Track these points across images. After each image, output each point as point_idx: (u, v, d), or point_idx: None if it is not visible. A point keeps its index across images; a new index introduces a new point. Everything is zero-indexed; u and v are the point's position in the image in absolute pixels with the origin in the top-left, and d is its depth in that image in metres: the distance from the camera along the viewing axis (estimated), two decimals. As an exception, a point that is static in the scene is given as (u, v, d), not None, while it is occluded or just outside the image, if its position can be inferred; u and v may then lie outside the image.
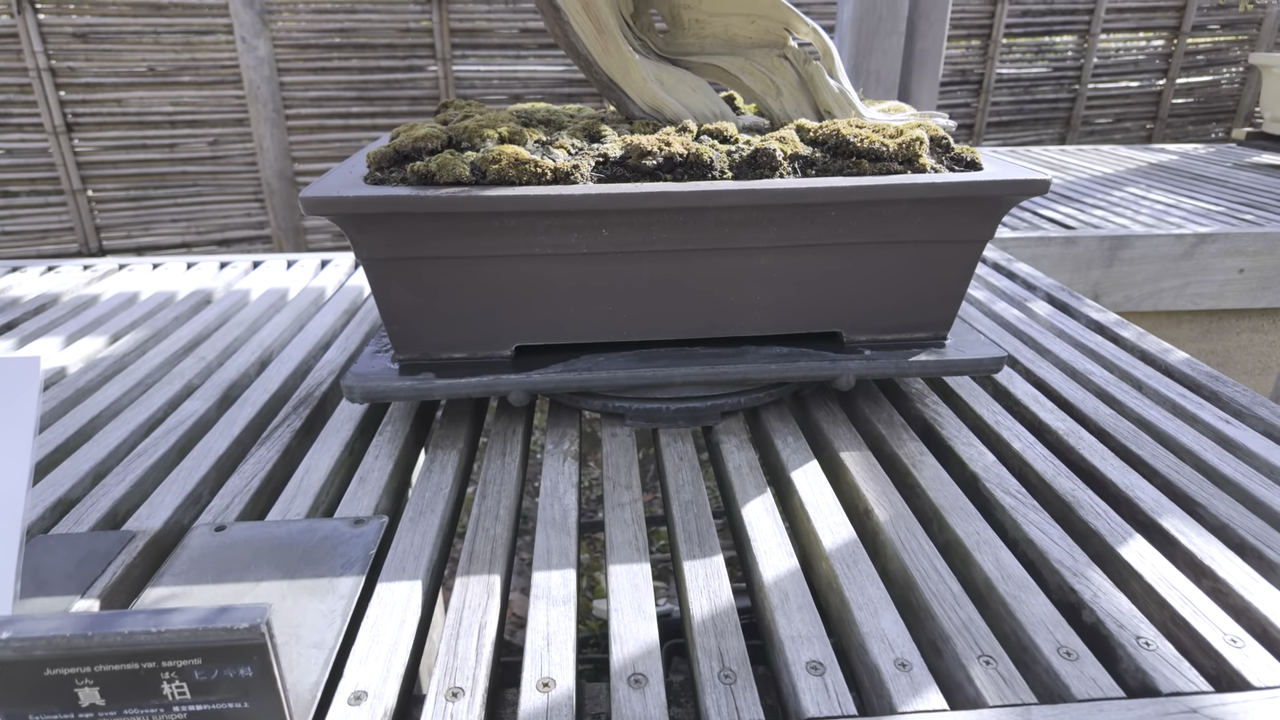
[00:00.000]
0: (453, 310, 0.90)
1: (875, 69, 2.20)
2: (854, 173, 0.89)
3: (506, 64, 4.08)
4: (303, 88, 3.78)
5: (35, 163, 3.50)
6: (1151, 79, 5.69)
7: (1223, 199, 2.48)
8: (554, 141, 0.95)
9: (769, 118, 1.10)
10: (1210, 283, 2.04)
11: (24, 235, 3.59)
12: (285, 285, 1.54)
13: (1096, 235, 2.00)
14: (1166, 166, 3.12)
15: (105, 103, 3.53)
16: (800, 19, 1.08)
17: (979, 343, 0.98)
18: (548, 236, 0.86)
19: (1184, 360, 1.14)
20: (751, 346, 0.97)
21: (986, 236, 0.92)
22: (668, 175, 0.89)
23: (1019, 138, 5.46)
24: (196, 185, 3.69)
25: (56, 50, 3.42)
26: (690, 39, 1.13)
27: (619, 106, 1.09)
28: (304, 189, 0.81)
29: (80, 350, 1.22)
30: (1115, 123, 5.73)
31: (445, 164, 0.85)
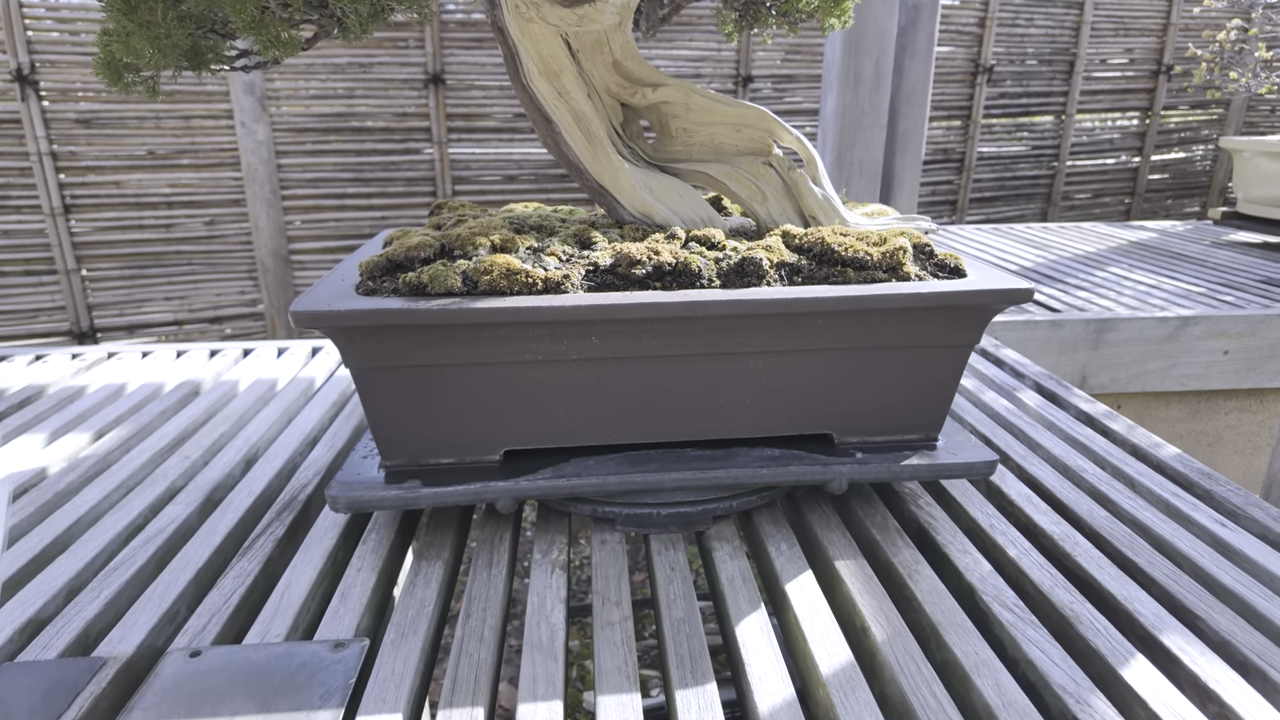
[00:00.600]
0: (441, 417, 0.89)
1: (859, 159, 2.26)
2: (839, 281, 0.90)
3: (501, 147, 4.18)
4: (300, 169, 3.85)
5: (31, 244, 3.54)
6: (1127, 156, 5.88)
7: (1203, 279, 2.52)
8: (545, 248, 0.97)
9: (755, 222, 1.13)
10: (1196, 364, 2.06)
11: (16, 315, 3.59)
12: (274, 376, 1.53)
13: (1082, 318, 2.03)
14: (1147, 245, 3.19)
15: (104, 185, 3.59)
16: (784, 128, 1.12)
17: (970, 445, 0.98)
18: (538, 344, 0.87)
19: (1175, 456, 1.14)
20: (743, 449, 0.96)
21: (973, 341, 0.93)
22: (657, 283, 0.90)
23: (1001, 213, 5.60)
24: (191, 264, 3.72)
25: (58, 135, 3.49)
26: (678, 146, 1.16)
27: (609, 211, 1.11)
28: (294, 301, 0.81)
29: (63, 448, 1.20)
30: (1094, 198, 5.89)
31: (437, 275, 0.86)
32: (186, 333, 3.82)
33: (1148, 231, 3.59)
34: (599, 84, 1.09)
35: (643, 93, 1.12)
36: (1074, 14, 5.32)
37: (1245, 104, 5.89)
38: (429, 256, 0.93)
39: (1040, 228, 3.74)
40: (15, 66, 3.39)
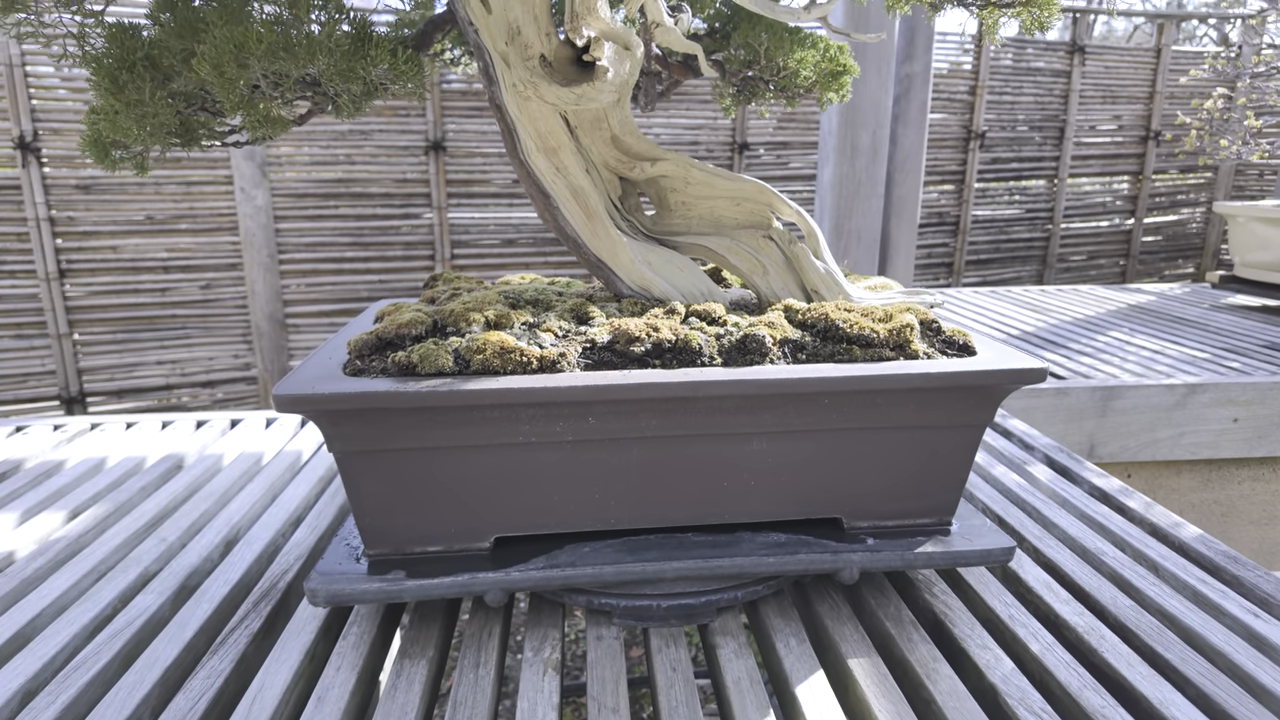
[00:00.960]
0: (428, 503, 0.85)
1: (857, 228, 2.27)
2: (845, 359, 0.87)
3: (500, 211, 4.22)
4: (298, 234, 3.87)
5: (24, 308, 3.52)
6: (1120, 219, 5.95)
7: (1206, 344, 2.50)
8: (541, 324, 0.93)
9: (756, 295, 1.10)
10: (1206, 432, 2.02)
11: (4, 380, 3.55)
12: (261, 448, 1.49)
13: (1088, 386, 1.99)
14: (1146, 308, 3.18)
15: (100, 249, 3.60)
16: (784, 202, 1.10)
17: (986, 529, 0.93)
18: (532, 426, 0.83)
19: (1197, 537, 1.09)
20: (747, 534, 0.91)
21: (985, 422, 0.89)
22: (656, 361, 0.86)
23: (997, 275, 5.63)
24: (185, 328, 3.70)
25: (58, 201, 3.51)
26: (677, 220, 1.14)
27: (607, 284, 1.09)
28: (276, 384, 0.77)
29: (36, 529, 1.15)
30: (1089, 260, 5.93)
31: (428, 355, 0.82)
32: (177, 397, 3.78)
33: (1146, 294, 3.59)
34: (597, 159, 1.08)
35: (641, 167, 1.11)
36: (1062, 82, 5.45)
37: (1234, 169, 5.99)
38: (420, 334, 0.90)
39: (1038, 290, 3.74)
40: (18, 134, 3.43)
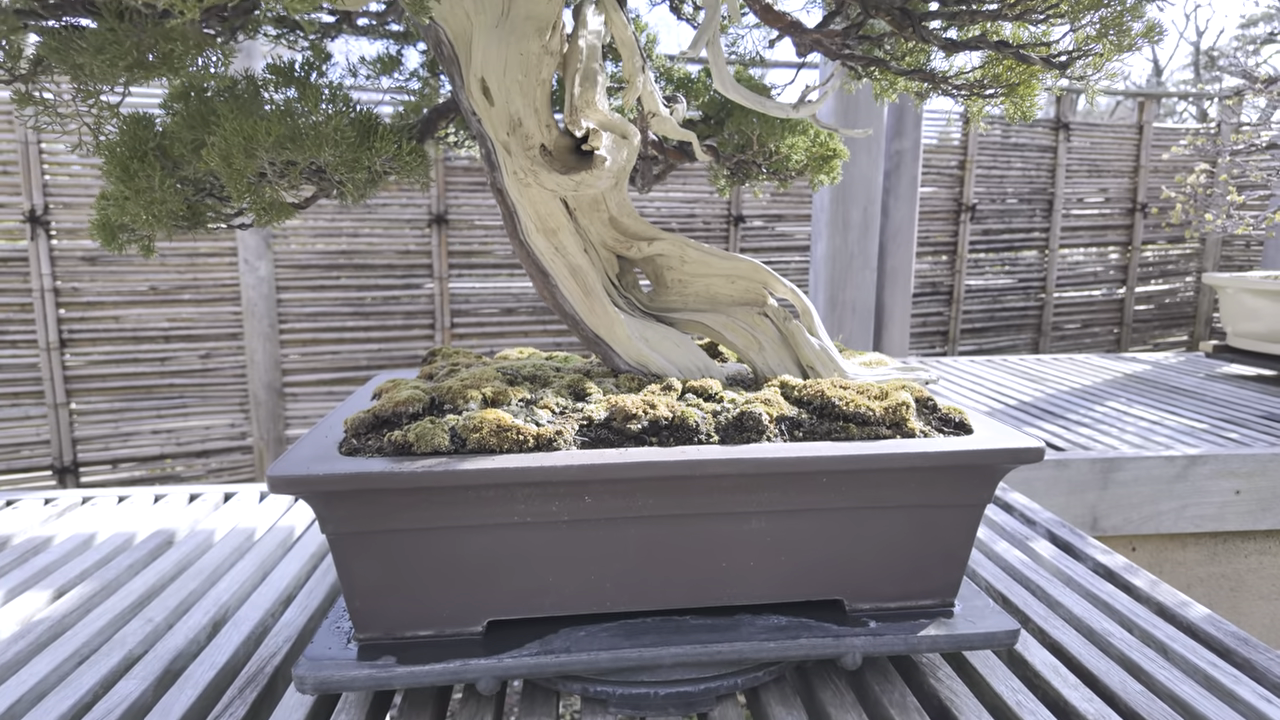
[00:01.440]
0: (421, 586, 0.83)
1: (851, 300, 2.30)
2: (842, 437, 0.87)
3: (501, 281, 4.28)
4: (300, 304, 3.91)
5: (22, 377, 3.53)
6: (1112, 288, 6.03)
7: (1203, 414, 2.50)
8: (538, 400, 0.94)
9: (752, 371, 1.11)
10: (1209, 505, 2.00)
11: (-1, 448, 3.54)
12: (253, 524, 1.47)
13: (1088, 458, 1.98)
14: (1142, 378, 3.19)
15: (103, 319, 3.63)
16: (778, 280, 1.12)
17: (990, 611, 0.91)
18: (527, 505, 0.82)
19: (1205, 617, 1.07)
20: (747, 616, 0.89)
21: (984, 501, 0.88)
22: (653, 439, 0.86)
23: (993, 343, 5.67)
24: (183, 396, 3.70)
25: (64, 272, 3.56)
26: (674, 296, 1.16)
27: (605, 360, 1.10)
28: (271, 465, 0.77)
29: (20, 609, 1.12)
30: (1084, 328, 5.98)
31: (424, 434, 0.82)
32: (171, 467, 3.75)
33: (1141, 364, 3.61)
34: (595, 238, 1.10)
35: (638, 247, 1.13)
36: (1048, 157, 5.60)
37: (1221, 240, 6.11)
38: (418, 411, 0.90)
39: (1034, 359, 3.76)
40: (29, 208, 3.50)
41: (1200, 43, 14.38)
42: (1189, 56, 14.44)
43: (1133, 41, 0.71)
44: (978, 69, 0.90)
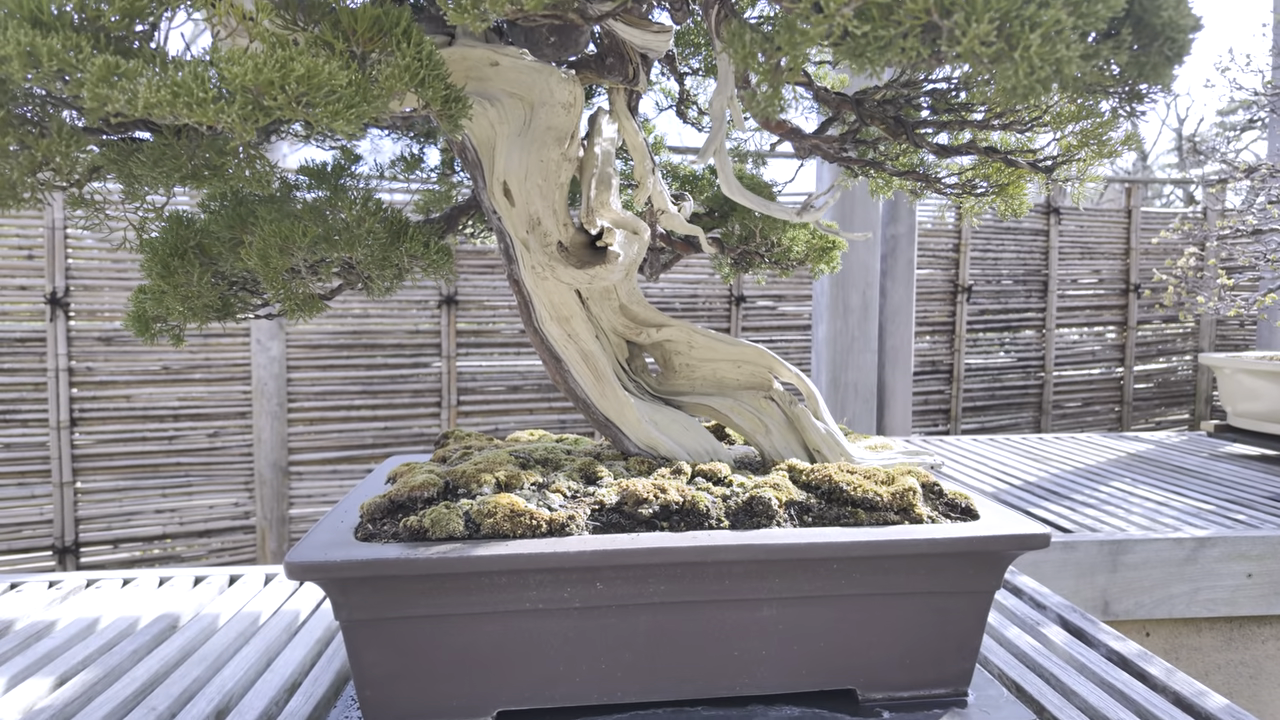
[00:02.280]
0: (433, 674, 0.83)
1: (853, 381, 2.34)
2: (850, 522, 0.88)
3: (507, 360, 4.34)
4: (309, 383, 3.96)
5: (30, 455, 3.54)
6: (1110, 367, 6.07)
7: (1209, 494, 2.50)
8: (550, 484, 0.96)
9: (760, 454, 1.13)
10: (1221, 588, 1.98)
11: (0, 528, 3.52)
12: (258, 608, 1.46)
13: (1095, 539, 1.97)
14: (1146, 458, 3.19)
15: (114, 399, 3.67)
16: (782, 365, 1.15)
17: (1003, 700, 0.90)
18: (540, 592, 0.83)
19: (1224, 708, 1.06)
20: (759, 707, 0.89)
21: (993, 587, 0.89)
22: (664, 523, 0.88)
23: (994, 422, 5.68)
24: (189, 475, 3.71)
25: (79, 352, 3.63)
26: (681, 380, 1.19)
27: (615, 443, 1.12)
28: (290, 551, 0.79)
29: (22, 697, 1.11)
30: (1085, 406, 6.00)
31: (439, 519, 0.84)
32: (172, 547, 3.72)
33: (1144, 443, 3.61)
34: (606, 325, 1.14)
35: (647, 333, 1.17)
36: (1041, 240, 5.74)
37: (1215, 319, 6.20)
38: (432, 496, 0.92)
39: (1036, 438, 3.76)
40: (50, 290, 3.58)
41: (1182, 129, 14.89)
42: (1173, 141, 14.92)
43: (1113, 150, 0.77)
44: (968, 169, 0.96)
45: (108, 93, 0.46)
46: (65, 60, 0.46)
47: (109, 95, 0.46)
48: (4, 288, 3.54)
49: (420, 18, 0.92)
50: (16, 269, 3.54)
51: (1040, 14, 0.41)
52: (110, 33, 0.50)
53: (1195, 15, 0.51)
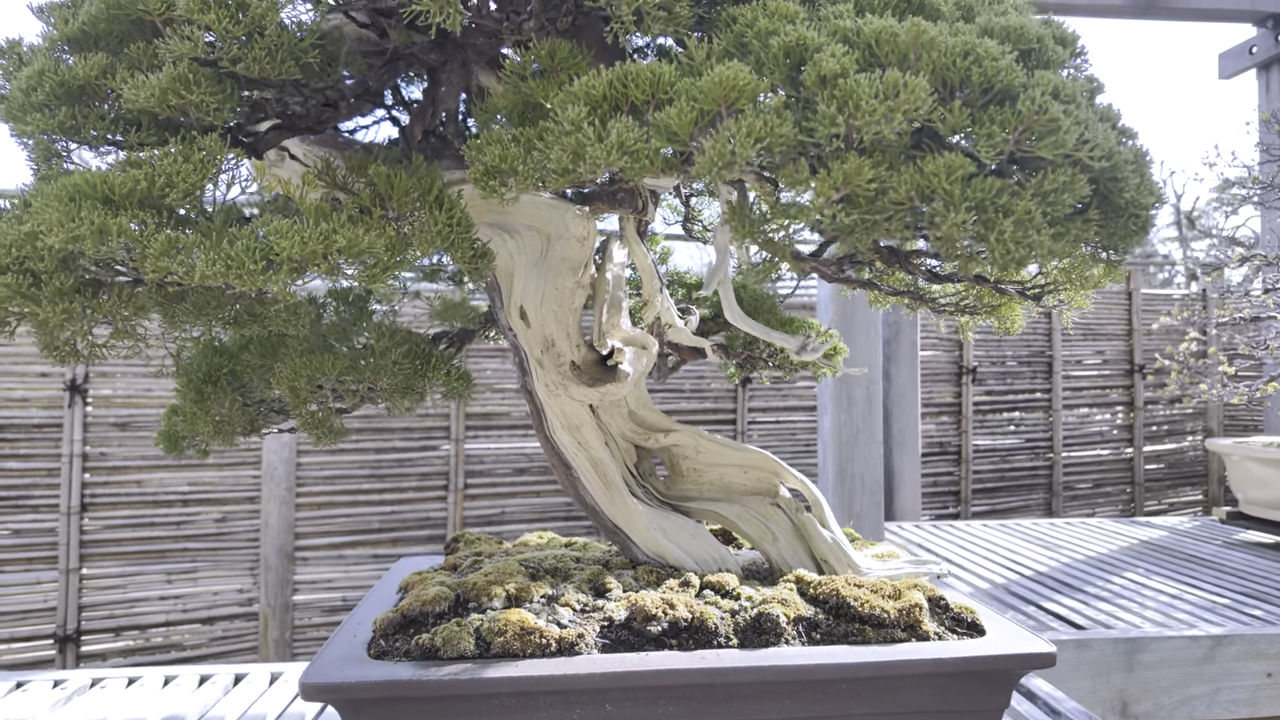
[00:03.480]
0: (443, 796, 0.83)
1: (859, 473, 2.35)
2: (858, 640, 0.89)
3: (514, 442, 4.36)
4: (318, 467, 3.98)
5: (39, 542, 3.54)
6: (1120, 447, 6.04)
7: (1224, 587, 2.46)
8: (560, 597, 0.97)
9: (767, 561, 1.14)
10: (1241, 689, 1.94)
11: (2, 616, 3.49)
12: (264, 710, 1.45)
13: (1110, 637, 1.95)
14: (1159, 545, 3.16)
15: (125, 483, 3.69)
16: (788, 472, 1.18)
17: (1017, 825, 0.89)
18: (549, 713, 0.83)
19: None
20: (768, 832, 0.88)
21: (1002, 705, 0.89)
22: (673, 641, 0.89)
23: (1005, 503, 5.62)
24: (195, 561, 3.69)
25: (94, 437, 3.67)
26: (689, 485, 1.21)
27: (623, 550, 1.14)
28: (305, 671, 0.80)
29: (23, 811, 1.10)
30: (1096, 488, 5.94)
31: (450, 638, 0.85)
32: (175, 635, 3.67)
33: (1157, 529, 3.57)
34: (615, 431, 1.18)
35: (655, 438, 1.20)
36: (1044, 322, 5.81)
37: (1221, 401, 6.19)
38: (444, 610, 0.94)
39: (1047, 524, 3.73)
40: (70, 377, 3.65)
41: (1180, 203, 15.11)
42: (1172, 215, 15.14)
43: (1097, 281, 0.81)
44: (962, 291, 1.01)
45: (168, 264, 0.51)
46: (132, 236, 0.51)
47: (169, 266, 0.51)
48: (25, 374, 3.61)
49: (446, 152, 0.98)
50: (37, 356, 3.62)
51: (1013, 203, 0.45)
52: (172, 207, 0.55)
53: (1157, 192, 0.55)
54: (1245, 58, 4.85)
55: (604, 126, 0.53)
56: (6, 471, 3.59)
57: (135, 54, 0.61)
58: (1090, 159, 0.50)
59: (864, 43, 0.52)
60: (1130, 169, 0.54)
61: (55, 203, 0.52)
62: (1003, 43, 0.54)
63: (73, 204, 0.52)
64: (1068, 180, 0.49)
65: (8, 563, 3.57)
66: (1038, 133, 0.48)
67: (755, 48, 0.56)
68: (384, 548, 4.12)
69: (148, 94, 0.57)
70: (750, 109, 0.50)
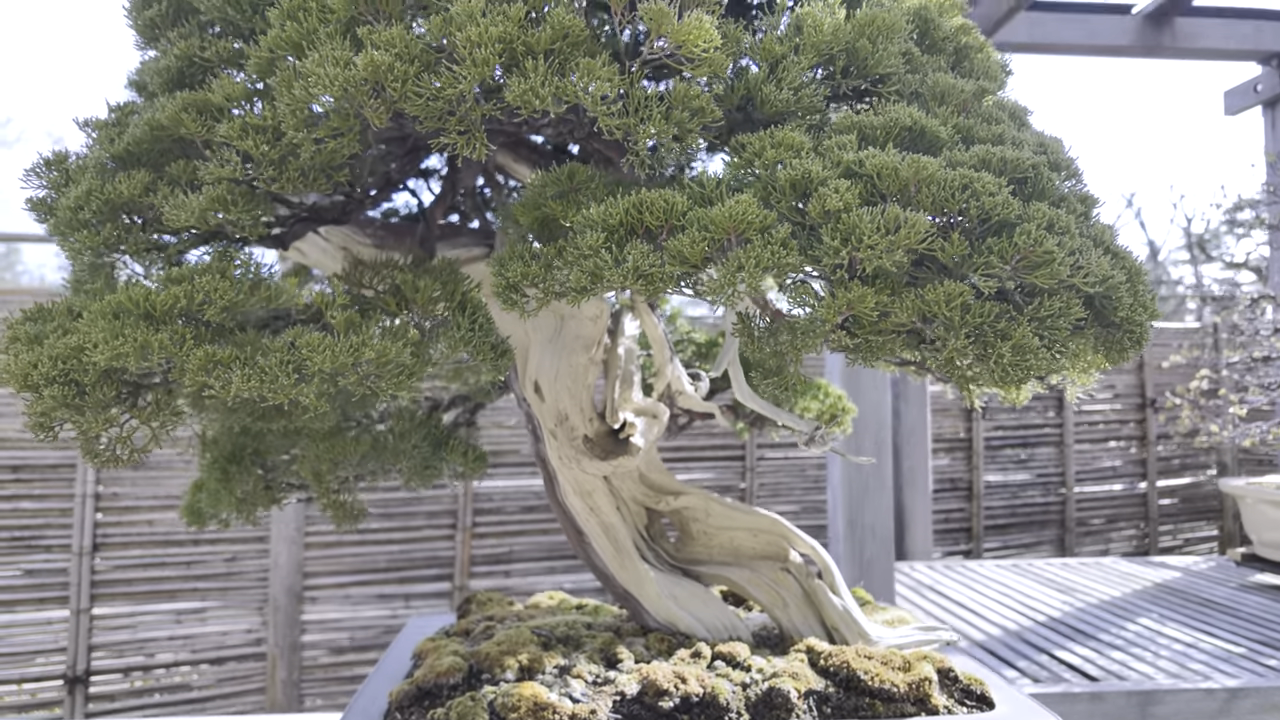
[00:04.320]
0: None
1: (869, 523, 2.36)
2: (868, 714, 0.89)
3: (523, 480, 4.36)
4: (328, 503, 3.99)
5: (51, 582, 3.56)
6: (1133, 482, 5.99)
7: (1239, 634, 2.44)
8: (572, 668, 0.98)
9: (778, 627, 1.15)
10: (1259, 744, 1.91)
11: (13, 657, 3.50)
12: (276, 769, 1.45)
13: (1123, 689, 1.93)
14: (1173, 588, 3.13)
15: (137, 523, 3.71)
16: (798, 536, 1.19)
17: None
18: (563, 789, 0.84)
19: None
20: None
21: (1014, 783, 0.89)
22: (684, 716, 0.89)
23: (1017, 541, 5.57)
24: (204, 601, 3.69)
25: (107, 477, 3.70)
26: (699, 548, 1.22)
27: (634, 615, 1.15)
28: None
29: None
30: (1109, 523, 5.89)
31: (465, 714, 0.86)
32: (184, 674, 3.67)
33: (1171, 570, 3.54)
34: (626, 495, 1.19)
35: (666, 500, 1.22)
36: (1052, 355, 5.79)
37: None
38: (457, 683, 0.95)
39: (1060, 564, 3.71)
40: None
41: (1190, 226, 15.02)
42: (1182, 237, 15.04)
43: (1101, 364, 0.83)
44: (967, 362, 1.02)
45: (205, 379, 0.53)
46: (172, 351, 0.54)
47: (206, 381, 0.53)
48: (42, 415, 3.65)
49: (464, 229, 1.02)
50: (54, 394, 3.66)
51: (1011, 328, 0.47)
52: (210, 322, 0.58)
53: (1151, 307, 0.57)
54: (1251, 95, 4.89)
55: (620, 251, 0.55)
56: (21, 512, 3.61)
57: (176, 171, 0.65)
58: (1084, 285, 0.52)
59: (867, 175, 0.55)
60: (1124, 289, 0.56)
61: (101, 320, 0.55)
62: (999, 175, 0.56)
63: (117, 320, 0.55)
64: (1063, 305, 0.51)
65: (20, 603, 3.58)
66: (1033, 264, 0.50)
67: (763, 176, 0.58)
68: (391, 586, 4.11)
69: (187, 214, 0.60)
70: (758, 239, 0.53)
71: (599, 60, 0.56)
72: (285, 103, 0.58)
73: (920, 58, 0.68)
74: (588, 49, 0.58)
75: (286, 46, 0.60)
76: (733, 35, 0.63)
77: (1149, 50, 4.42)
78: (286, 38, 0.59)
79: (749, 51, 0.64)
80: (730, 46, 0.62)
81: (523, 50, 0.56)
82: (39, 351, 0.59)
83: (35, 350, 0.59)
